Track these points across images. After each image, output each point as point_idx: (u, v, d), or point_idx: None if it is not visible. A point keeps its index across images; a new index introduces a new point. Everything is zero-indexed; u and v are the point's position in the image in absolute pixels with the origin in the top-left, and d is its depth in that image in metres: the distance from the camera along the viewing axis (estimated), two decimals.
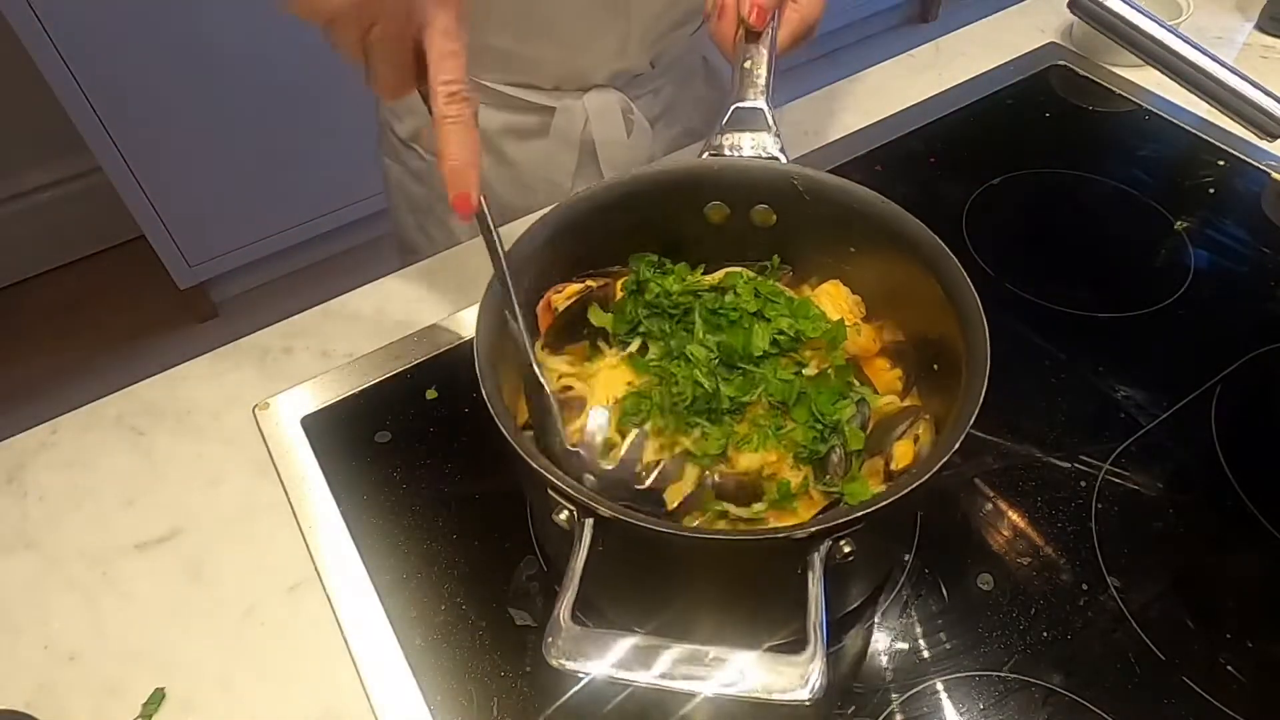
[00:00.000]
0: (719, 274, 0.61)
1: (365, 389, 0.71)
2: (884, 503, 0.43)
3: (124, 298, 2.21)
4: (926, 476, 0.44)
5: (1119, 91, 0.98)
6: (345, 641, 0.57)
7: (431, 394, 0.70)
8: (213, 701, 0.55)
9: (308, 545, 0.62)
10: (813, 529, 0.42)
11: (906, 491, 0.43)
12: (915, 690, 0.54)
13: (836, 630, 0.57)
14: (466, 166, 0.48)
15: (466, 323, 0.75)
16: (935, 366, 0.55)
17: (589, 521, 0.43)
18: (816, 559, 0.42)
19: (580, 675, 0.39)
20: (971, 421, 0.45)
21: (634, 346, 0.57)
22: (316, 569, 0.61)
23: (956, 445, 0.44)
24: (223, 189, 1.96)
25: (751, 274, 0.61)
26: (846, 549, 0.43)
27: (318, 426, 0.68)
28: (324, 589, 0.60)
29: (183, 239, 1.98)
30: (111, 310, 2.20)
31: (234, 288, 2.22)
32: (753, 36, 0.63)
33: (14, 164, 2.08)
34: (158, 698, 0.55)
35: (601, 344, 0.59)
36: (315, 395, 0.71)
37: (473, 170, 0.48)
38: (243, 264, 2.12)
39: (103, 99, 1.71)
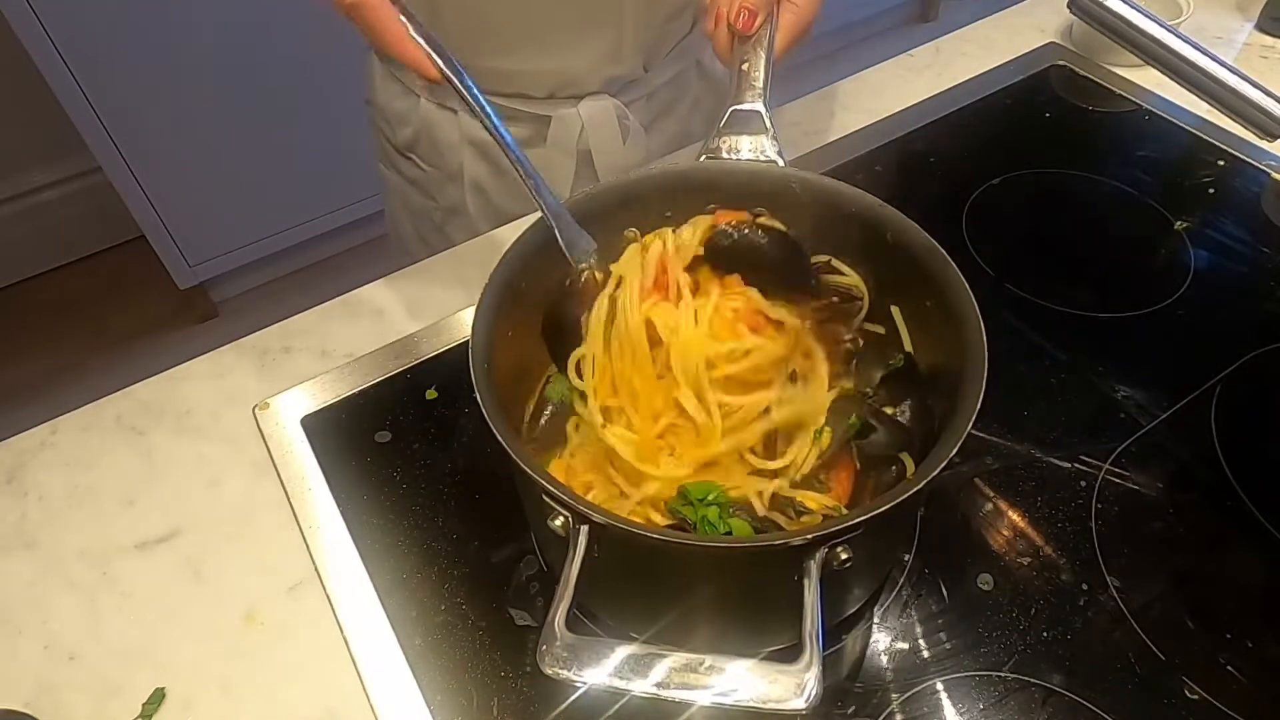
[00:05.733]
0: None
1: (365, 389, 0.71)
2: (880, 510, 0.42)
3: (124, 298, 2.21)
4: (922, 485, 0.43)
5: (1119, 91, 0.98)
6: (345, 641, 0.57)
7: (431, 394, 0.70)
8: (213, 701, 0.55)
9: (308, 545, 0.62)
10: (809, 536, 0.41)
11: (903, 499, 0.43)
12: (915, 690, 0.54)
13: (836, 631, 0.57)
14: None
15: (466, 323, 0.74)
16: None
17: (584, 528, 0.43)
18: (813, 566, 0.42)
19: (575, 684, 0.39)
20: (968, 428, 0.45)
21: None
22: (316, 569, 0.61)
23: (954, 451, 0.44)
24: (223, 189, 1.96)
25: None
26: (844, 555, 0.43)
27: (318, 426, 0.68)
28: (324, 589, 0.60)
29: (183, 239, 1.98)
30: (111, 310, 2.20)
31: (234, 288, 2.22)
32: (747, 39, 0.63)
33: (14, 164, 2.08)
34: (158, 698, 0.55)
35: None
36: (315, 395, 0.71)
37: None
38: (243, 264, 2.12)
39: (103, 99, 1.71)
